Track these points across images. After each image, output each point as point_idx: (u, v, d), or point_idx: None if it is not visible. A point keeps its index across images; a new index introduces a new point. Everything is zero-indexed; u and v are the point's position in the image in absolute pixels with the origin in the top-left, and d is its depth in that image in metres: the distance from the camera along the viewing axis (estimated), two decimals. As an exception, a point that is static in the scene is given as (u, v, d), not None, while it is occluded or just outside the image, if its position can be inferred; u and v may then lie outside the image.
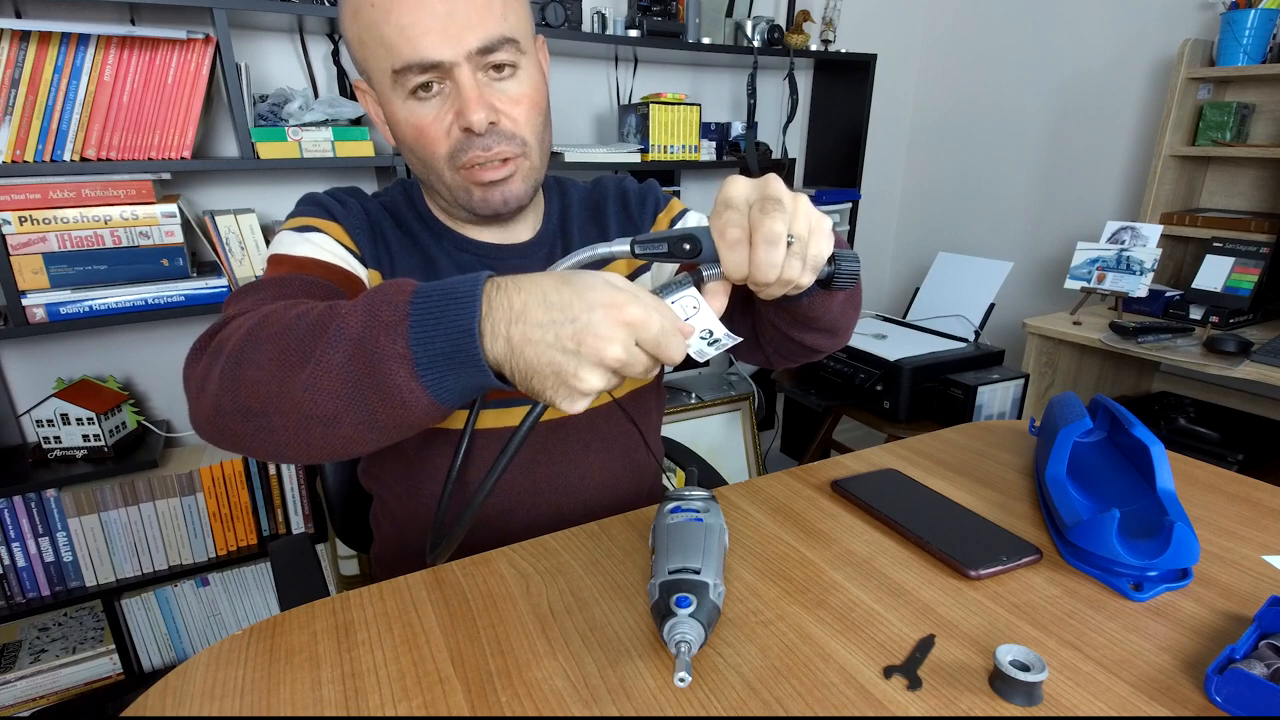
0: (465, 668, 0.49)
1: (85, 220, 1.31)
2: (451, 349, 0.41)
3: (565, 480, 0.76)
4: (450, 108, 0.62)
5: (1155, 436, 0.67)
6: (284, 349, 0.45)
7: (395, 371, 0.42)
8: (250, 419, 0.47)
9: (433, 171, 0.66)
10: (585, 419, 0.77)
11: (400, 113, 0.63)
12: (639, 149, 1.83)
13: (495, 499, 0.74)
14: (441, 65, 0.60)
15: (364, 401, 0.43)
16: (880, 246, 2.72)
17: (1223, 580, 0.59)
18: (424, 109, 0.62)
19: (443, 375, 0.42)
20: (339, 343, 0.43)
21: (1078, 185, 2.12)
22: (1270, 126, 1.70)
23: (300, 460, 0.50)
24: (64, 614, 1.59)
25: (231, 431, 0.49)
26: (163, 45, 1.30)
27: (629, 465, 0.81)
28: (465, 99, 0.61)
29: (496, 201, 0.67)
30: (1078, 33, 2.05)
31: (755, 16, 1.96)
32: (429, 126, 0.63)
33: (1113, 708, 0.45)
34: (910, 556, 0.62)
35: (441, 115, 0.63)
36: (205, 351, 0.51)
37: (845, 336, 0.71)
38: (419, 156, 0.66)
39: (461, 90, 0.61)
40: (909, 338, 1.84)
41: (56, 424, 1.41)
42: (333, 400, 0.44)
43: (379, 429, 0.45)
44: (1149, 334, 1.54)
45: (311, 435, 0.46)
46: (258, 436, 0.48)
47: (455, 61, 0.60)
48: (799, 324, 0.65)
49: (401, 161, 1.53)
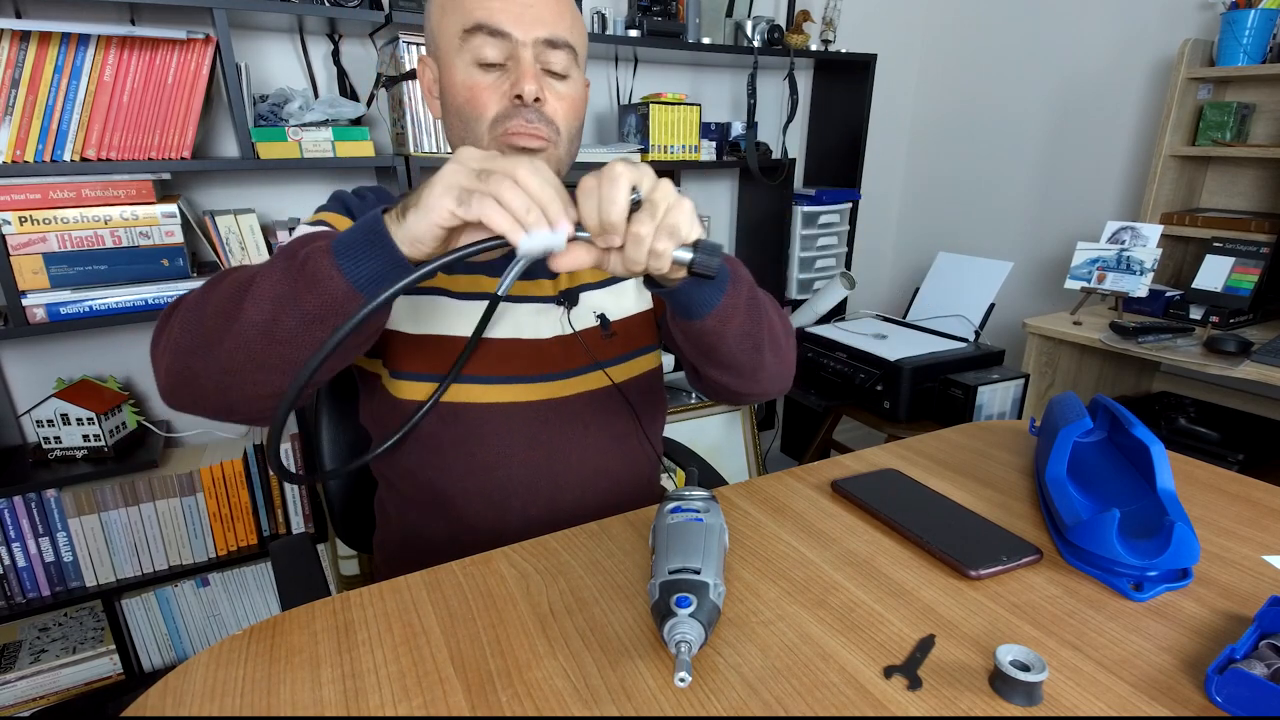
0: (465, 668, 0.49)
1: (85, 220, 1.31)
2: (361, 234, 0.51)
3: (564, 458, 0.77)
4: (506, 80, 0.69)
5: (1155, 436, 0.67)
6: (237, 281, 0.55)
7: (318, 261, 0.51)
8: (202, 351, 0.55)
9: (473, 133, 0.70)
10: (586, 401, 0.78)
11: (459, 74, 0.69)
12: (639, 149, 1.83)
13: (497, 473, 0.75)
14: (509, 38, 0.67)
15: (294, 296, 0.51)
16: (880, 246, 2.72)
17: (1223, 580, 0.59)
18: (483, 76, 0.69)
19: (356, 258, 0.51)
20: (277, 260, 0.53)
21: (1078, 185, 2.12)
22: (1270, 126, 1.70)
23: (251, 392, 0.56)
24: (64, 614, 1.59)
25: (188, 371, 0.56)
26: (163, 45, 1.30)
27: (626, 453, 0.82)
28: (523, 70, 0.67)
29: None
30: (1078, 33, 2.05)
31: (755, 16, 1.96)
32: (483, 91, 0.69)
33: (1113, 708, 0.45)
34: (910, 556, 0.62)
35: (496, 85, 0.69)
36: (173, 312, 0.59)
37: (760, 382, 0.72)
38: (464, 117, 0.70)
39: (521, 64, 0.68)
40: (909, 338, 1.84)
41: (56, 424, 1.41)
42: (270, 303, 0.52)
43: (309, 320, 0.52)
44: (1149, 334, 1.54)
45: (254, 346, 0.53)
46: (209, 372, 0.55)
47: (522, 41, 0.67)
48: (701, 354, 0.68)
49: (402, 162, 1.53)
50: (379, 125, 1.70)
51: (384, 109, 1.66)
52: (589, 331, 0.79)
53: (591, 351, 0.78)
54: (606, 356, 0.79)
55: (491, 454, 0.75)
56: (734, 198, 2.35)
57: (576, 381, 0.78)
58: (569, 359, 0.78)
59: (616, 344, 0.80)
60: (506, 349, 0.75)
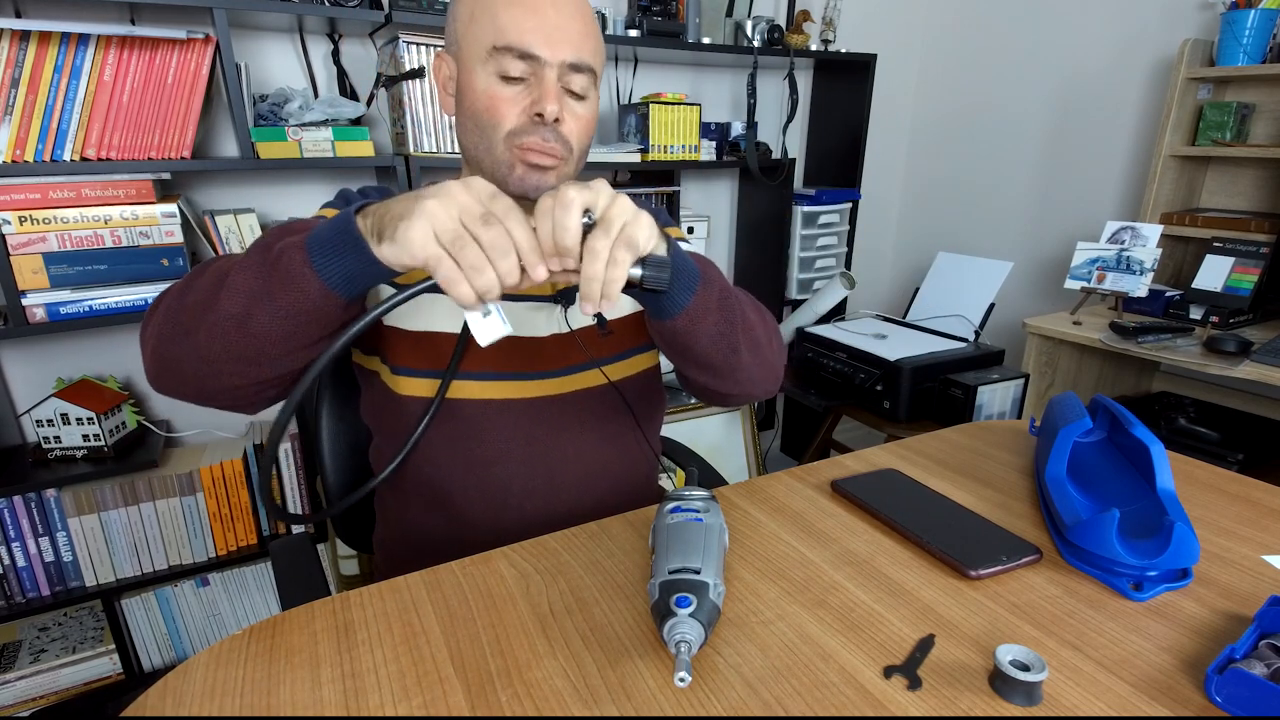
0: (465, 668, 0.49)
1: (85, 220, 1.31)
2: (334, 234, 0.52)
3: (561, 455, 0.77)
4: (528, 96, 0.70)
5: (1155, 436, 0.67)
6: (217, 271, 0.56)
7: (291, 258, 0.52)
8: (182, 339, 0.57)
9: (488, 140, 0.71)
10: (583, 399, 0.79)
11: (481, 83, 0.70)
12: (639, 149, 1.83)
13: (494, 469, 0.75)
14: (537, 59, 0.68)
15: (268, 293, 0.53)
16: (880, 246, 2.72)
17: (1223, 580, 0.59)
18: (505, 89, 0.70)
19: (329, 258, 0.52)
20: (253, 252, 0.55)
21: (1078, 185, 2.12)
22: (1270, 126, 1.70)
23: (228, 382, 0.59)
24: (64, 614, 1.59)
25: (169, 357, 0.59)
26: (163, 45, 1.30)
27: (623, 451, 0.82)
28: (546, 90, 0.69)
29: (531, 184, 0.72)
30: (1078, 33, 2.05)
31: (755, 16, 1.96)
32: (503, 103, 0.70)
33: (1113, 708, 0.45)
34: (910, 556, 0.62)
35: (517, 99, 0.70)
36: (160, 299, 0.61)
37: (740, 383, 0.72)
38: (481, 125, 0.71)
39: (544, 84, 0.69)
40: (909, 338, 1.84)
41: (56, 424, 1.41)
42: (245, 297, 0.54)
43: (282, 315, 0.54)
44: (1149, 334, 1.54)
45: (229, 337, 0.55)
46: (188, 360, 0.58)
47: (549, 62, 0.68)
48: (677, 353, 0.68)
49: (401, 162, 1.53)
50: (379, 125, 1.70)
51: (384, 109, 1.66)
52: (586, 330, 0.79)
53: (588, 349, 0.78)
54: (603, 355, 0.80)
55: (489, 450, 0.75)
56: (734, 198, 2.35)
57: (573, 379, 0.78)
58: (565, 357, 0.78)
59: (613, 342, 0.80)
60: (503, 346, 0.76)
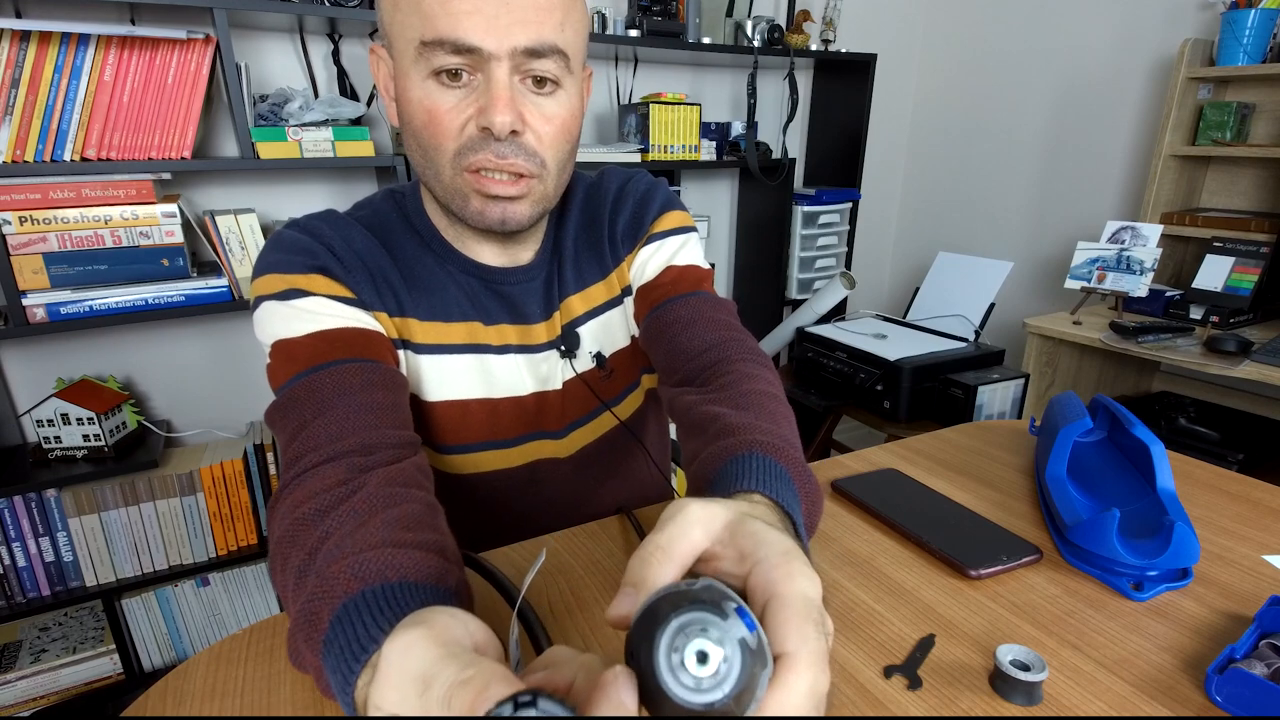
0: (465, 667, 0.49)
1: (85, 220, 1.31)
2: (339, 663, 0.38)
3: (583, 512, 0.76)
4: (474, 102, 0.55)
5: (1155, 436, 0.67)
6: (277, 541, 0.47)
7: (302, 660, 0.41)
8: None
9: (433, 165, 0.58)
10: (596, 452, 0.77)
11: (415, 91, 0.56)
12: (639, 149, 1.83)
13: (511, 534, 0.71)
14: (478, 53, 0.53)
15: (293, 635, 0.42)
16: (880, 246, 2.72)
17: (1223, 580, 0.59)
18: (444, 96, 0.55)
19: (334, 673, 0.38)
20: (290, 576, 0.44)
21: (1078, 185, 2.12)
22: (1270, 126, 1.70)
23: None
24: (64, 614, 1.59)
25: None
26: (163, 45, 1.30)
27: (639, 484, 0.82)
28: (493, 96, 0.54)
29: (494, 218, 0.59)
30: (1078, 33, 2.05)
31: (755, 16, 1.96)
32: (444, 115, 0.55)
33: (1113, 707, 0.45)
34: (910, 556, 0.62)
35: (462, 107, 0.55)
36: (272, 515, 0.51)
37: None
38: (422, 144, 0.58)
39: (492, 87, 0.54)
40: (909, 337, 1.84)
41: (57, 424, 1.41)
42: (284, 604, 0.46)
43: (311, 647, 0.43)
44: (1149, 334, 1.54)
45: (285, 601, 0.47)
46: None
47: (495, 54, 0.53)
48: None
49: (402, 162, 1.53)
50: (379, 125, 1.70)
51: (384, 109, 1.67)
52: (589, 374, 0.74)
53: (598, 395, 0.75)
54: (608, 396, 0.76)
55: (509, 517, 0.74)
56: (734, 198, 2.35)
57: (585, 431, 0.76)
58: (575, 408, 0.75)
59: (616, 382, 0.76)
60: (513, 408, 0.71)
